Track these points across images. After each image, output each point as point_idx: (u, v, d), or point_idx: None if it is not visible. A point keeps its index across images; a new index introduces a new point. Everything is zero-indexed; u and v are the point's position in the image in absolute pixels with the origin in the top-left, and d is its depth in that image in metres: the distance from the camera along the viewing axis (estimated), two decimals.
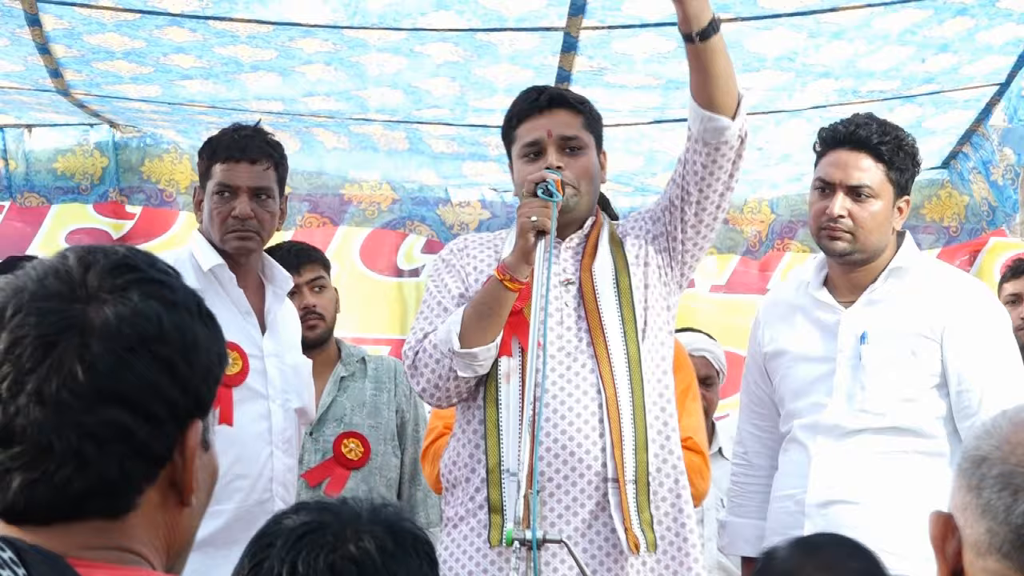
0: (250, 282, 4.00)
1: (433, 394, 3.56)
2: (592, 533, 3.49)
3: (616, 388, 3.51)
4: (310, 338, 4.91)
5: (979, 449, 1.47)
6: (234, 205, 3.92)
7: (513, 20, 4.58)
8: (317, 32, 4.63)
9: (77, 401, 1.39)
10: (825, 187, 3.83)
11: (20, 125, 5.77)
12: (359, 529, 1.66)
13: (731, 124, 3.50)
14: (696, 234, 3.64)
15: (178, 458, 1.45)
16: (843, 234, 3.79)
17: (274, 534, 1.67)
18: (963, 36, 4.70)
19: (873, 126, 3.82)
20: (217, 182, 3.95)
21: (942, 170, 5.95)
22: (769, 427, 4.02)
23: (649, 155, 5.65)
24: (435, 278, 3.70)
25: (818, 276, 3.93)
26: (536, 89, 3.74)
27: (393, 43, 4.71)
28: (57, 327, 1.40)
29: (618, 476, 3.48)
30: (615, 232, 3.70)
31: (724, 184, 3.58)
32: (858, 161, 3.80)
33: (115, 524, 1.43)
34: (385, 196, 5.99)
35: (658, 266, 3.66)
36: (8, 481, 1.40)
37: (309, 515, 1.68)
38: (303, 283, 4.91)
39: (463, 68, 4.87)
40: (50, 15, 4.58)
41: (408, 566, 1.66)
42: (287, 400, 3.98)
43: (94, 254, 1.46)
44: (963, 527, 1.46)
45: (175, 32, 4.63)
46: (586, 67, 4.88)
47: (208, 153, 4.00)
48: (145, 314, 1.42)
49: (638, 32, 4.64)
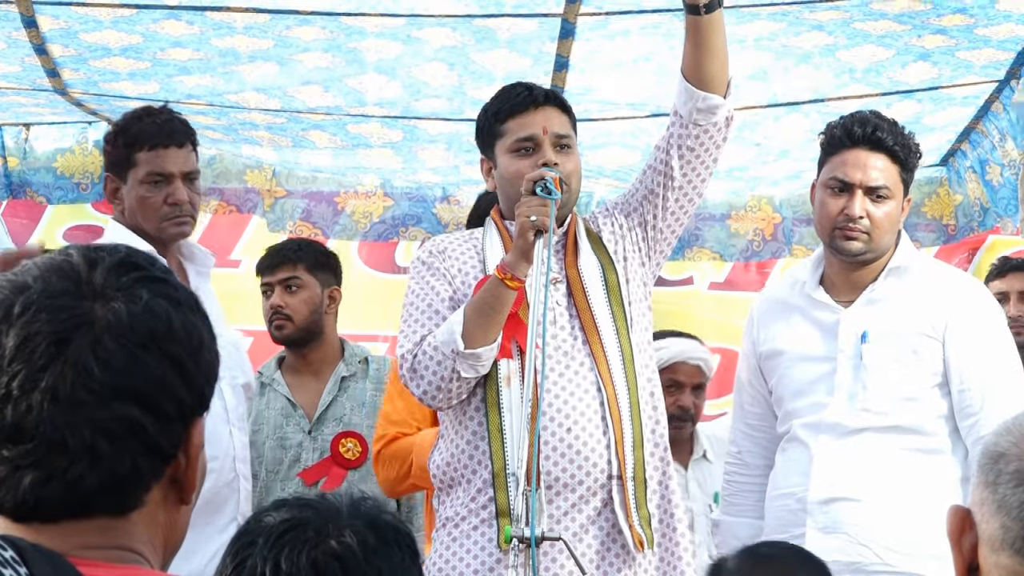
0: (172, 266, 3.97)
1: (435, 396, 3.54)
2: (595, 529, 3.50)
3: (615, 385, 3.52)
4: (276, 338, 4.94)
5: (997, 445, 1.48)
6: (169, 191, 3.88)
7: (511, 6, 4.58)
8: (314, 20, 4.62)
9: (92, 397, 1.39)
10: (842, 187, 3.81)
11: (18, 124, 5.77)
12: (340, 524, 1.66)
13: (723, 102, 3.54)
14: (675, 220, 3.66)
15: (182, 456, 1.46)
16: (860, 234, 3.79)
17: (255, 532, 1.67)
18: (963, 30, 4.70)
19: (886, 126, 3.83)
20: (148, 171, 3.89)
21: (941, 167, 5.95)
22: (763, 426, 4.01)
23: (646, 151, 5.64)
24: (418, 280, 3.68)
25: (814, 275, 3.93)
26: (524, 86, 3.74)
27: (391, 29, 4.71)
28: (69, 324, 1.40)
29: (621, 473, 3.49)
30: (590, 227, 3.70)
31: (707, 167, 3.61)
32: (877, 162, 3.80)
33: (119, 523, 1.44)
34: (377, 205, 5.98)
35: (636, 259, 3.67)
36: (18, 478, 1.40)
37: (289, 512, 1.68)
38: (275, 282, 4.95)
39: (461, 53, 4.86)
40: (47, 16, 4.59)
41: (390, 559, 1.66)
42: (234, 377, 3.99)
43: (97, 252, 1.46)
44: (979, 522, 1.47)
45: (172, 25, 4.63)
46: (583, 52, 4.88)
47: (126, 141, 3.92)
48: (155, 312, 1.43)
49: (636, 20, 4.64)
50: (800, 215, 5.98)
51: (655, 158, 3.65)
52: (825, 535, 3.74)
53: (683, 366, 5.01)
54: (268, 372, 5.04)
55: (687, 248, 5.99)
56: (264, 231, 5.93)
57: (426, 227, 5.98)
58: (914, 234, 5.98)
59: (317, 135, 5.61)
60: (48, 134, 5.80)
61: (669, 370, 4.92)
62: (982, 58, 4.97)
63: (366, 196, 5.98)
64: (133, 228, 3.91)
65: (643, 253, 3.68)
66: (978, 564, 1.47)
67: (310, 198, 5.98)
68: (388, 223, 6.00)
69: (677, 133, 3.58)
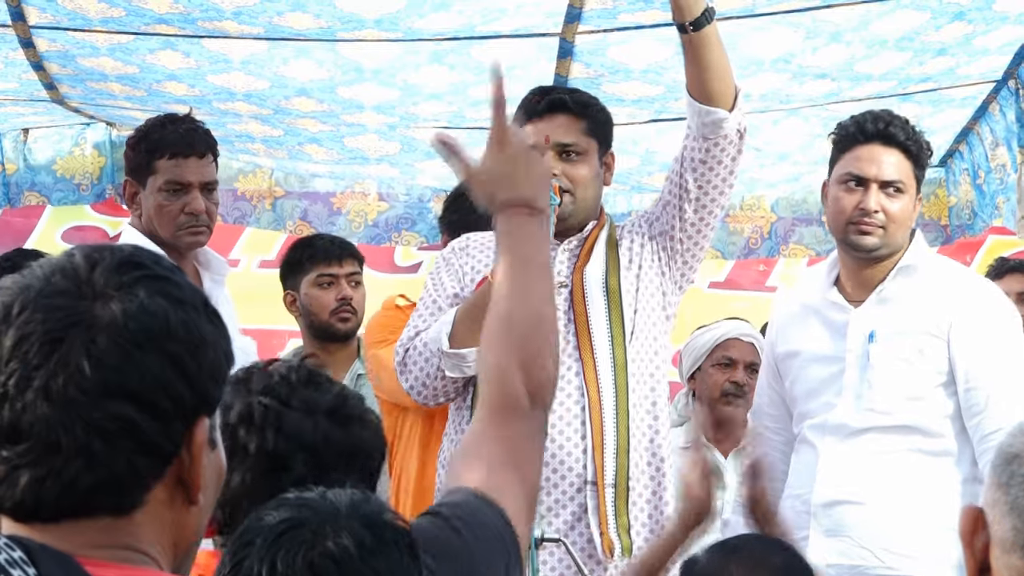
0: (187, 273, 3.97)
1: (420, 392, 3.59)
2: (575, 535, 3.50)
3: (600, 391, 3.52)
4: (341, 330, 4.90)
5: (1012, 447, 1.47)
6: (186, 201, 3.88)
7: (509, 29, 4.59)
8: (312, 50, 4.62)
9: (84, 396, 1.38)
10: (857, 181, 3.79)
11: (17, 129, 5.77)
12: (337, 525, 1.65)
13: (729, 116, 3.51)
14: (696, 232, 3.64)
15: (185, 455, 1.45)
16: (876, 229, 3.76)
17: (254, 532, 1.66)
18: (960, 40, 4.70)
19: (898, 122, 3.81)
20: (167, 179, 3.89)
21: (940, 168, 5.96)
22: (780, 428, 4.00)
23: (646, 155, 5.65)
24: (434, 276, 3.72)
25: (830, 276, 3.91)
26: (540, 91, 3.73)
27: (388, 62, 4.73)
28: (63, 323, 1.40)
29: (597, 479, 3.49)
30: (614, 234, 3.70)
31: (723, 180, 3.59)
32: (891, 157, 3.78)
33: (122, 522, 1.43)
34: (372, 208, 5.99)
35: (655, 268, 3.66)
36: (16, 478, 1.40)
37: (288, 512, 1.67)
38: (342, 275, 4.91)
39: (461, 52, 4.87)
40: (43, 39, 4.60)
41: (388, 560, 1.65)
42: None
43: (100, 252, 1.45)
44: (992, 523, 1.46)
45: (168, 58, 4.64)
46: (583, 74, 4.88)
47: (148, 147, 3.91)
48: (151, 311, 1.42)
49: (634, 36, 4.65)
50: (800, 215, 5.99)
51: (673, 170, 3.65)
52: (828, 538, 3.73)
53: (736, 343, 4.98)
54: None
55: None
56: (261, 232, 5.94)
57: (421, 230, 5.98)
58: None
59: (314, 149, 5.62)
60: (47, 136, 5.79)
61: (722, 347, 4.94)
62: (981, 66, 4.98)
63: (363, 196, 5.99)
64: (149, 233, 3.92)
65: (662, 263, 3.67)
66: (990, 564, 1.46)
67: (309, 198, 5.99)
68: (382, 227, 6.00)
69: (690, 147, 3.58)
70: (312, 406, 2.14)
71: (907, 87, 5.11)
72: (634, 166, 5.65)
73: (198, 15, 4.40)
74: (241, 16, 4.43)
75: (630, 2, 4.41)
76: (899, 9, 4.52)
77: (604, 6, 4.46)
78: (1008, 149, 5.26)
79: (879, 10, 4.54)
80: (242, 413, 2.08)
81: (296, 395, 2.15)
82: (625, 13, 4.48)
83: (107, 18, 4.41)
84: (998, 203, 5.37)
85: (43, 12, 4.43)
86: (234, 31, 4.55)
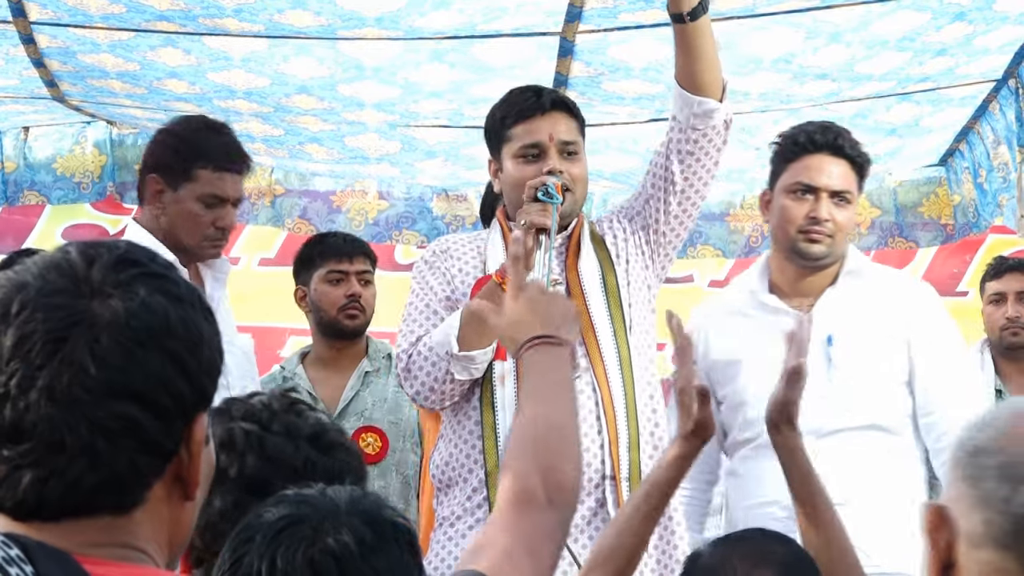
0: (190, 271, 3.94)
1: (428, 397, 3.57)
2: (591, 530, 3.51)
3: (611, 387, 3.53)
4: (349, 327, 4.90)
5: (974, 440, 1.47)
6: (220, 215, 3.87)
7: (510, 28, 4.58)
8: (312, 47, 4.61)
9: (88, 396, 1.39)
10: (807, 190, 3.87)
11: (17, 127, 5.77)
12: (338, 522, 1.65)
13: (719, 106, 3.56)
14: (679, 224, 3.68)
15: (184, 452, 1.46)
16: (825, 237, 3.86)
17: (254, 528, 1.66)
18: (960, 41, 4.70)
19: (845, 134, 3.93)
20: (208, 191, 3.86)
21: (940, 167, 5.96)
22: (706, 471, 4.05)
23: (646, 155, 5.64)
24: (419, 280, 3.70)
25: (762, 283, 3.96)
26: (533, 89, 3.73)
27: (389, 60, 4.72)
28: (66, 322, 1.39)
29: (615, 474, 3.49)
30: (595, 230, 3.71)
31: (708, 171, 3.63)
32: (839, 167, 3.88)
33: (122, 521, 1.44)
34: (372, 206, 5.99)
35: (639, 262, 3.67)
36: (18, 478, 1.40)
37: (288, 508, 1.67)
38: (352, 272, 4.91)
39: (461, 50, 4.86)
40: (44, 35, 4.59)
41: (388, 556, 1.65)
42: (244, 387, 3.95)
43: (96, 249, 1.45)
44: (957, 518, 1.45)
45: (168, 55, 4.63)
46: (583, 73, 4.88)
47: (191, 153, 3.86)
48: (152, 308, 1.42)
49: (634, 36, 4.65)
50: None
51: (656, 163, 3.66)
52: None
53: None
54: (290, 367, 5.04)
55: (689, 246, 5.99)
56: (261, 230, 5.94)
57: (421, 229, 5.98)
58: (912, 234, 6.00)
59: (314, 148, 5.62)
60: (47, 135, 5.79)
61: None
62: (981, 66, 4.98)
63: (362, 194, 5.99)
64: (160, 232, 3.88)
65: (646, 256, 3.69)
66: (954, 561, 1.46)
67: (308, 196, 5.99)
68: (382, 225, 6.00)
69: (676, 138, 3.59)
70: (294, 431, 2.13)
71: (907, 87, 5.10)
72: (634, 165, 5.65)
73: (199, 12, 4.40)
74: (242, 13, 4.42)
75: (631, 1, 4.42)
76: (900, 10, 4.52)
77: (604, 5, 4.46)
78: (1009, 148, 5.26)
79: (880, 11, 4.54)
80: (223, 438, 2.06)
81: (277, 420, 2.14)
82: (626, 12, 4.48)
83: (108, 14, 4.41)
84: (1000, 201, 5.37)
85: (44, 8, 4.43)
86: (235, 28, 4.54)
